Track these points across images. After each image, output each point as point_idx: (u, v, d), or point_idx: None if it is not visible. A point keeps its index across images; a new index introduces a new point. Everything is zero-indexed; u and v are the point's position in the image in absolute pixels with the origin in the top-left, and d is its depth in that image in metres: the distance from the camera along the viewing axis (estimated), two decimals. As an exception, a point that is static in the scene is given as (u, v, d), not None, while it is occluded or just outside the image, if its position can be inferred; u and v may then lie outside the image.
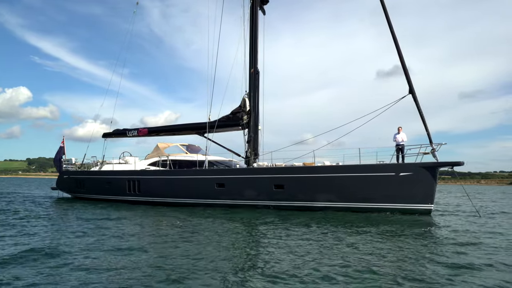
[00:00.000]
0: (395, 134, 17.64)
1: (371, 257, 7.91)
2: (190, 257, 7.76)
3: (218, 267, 7.01)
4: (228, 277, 6.34)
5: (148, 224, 13.27)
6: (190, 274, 6.50)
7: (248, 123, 22.05)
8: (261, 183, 18.87)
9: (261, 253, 8.36)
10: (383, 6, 18.00)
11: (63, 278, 6.30)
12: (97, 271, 6.70)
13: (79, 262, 7.29)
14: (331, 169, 17.85)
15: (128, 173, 22.91)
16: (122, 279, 6.30)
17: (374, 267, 7.05)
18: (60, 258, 7.60)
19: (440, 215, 17.00)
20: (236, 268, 6.94)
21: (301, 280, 6.25)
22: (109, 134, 27.81)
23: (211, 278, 6.28)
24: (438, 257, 7.94)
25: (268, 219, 14.73)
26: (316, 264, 7.31)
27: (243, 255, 8.09)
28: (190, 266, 7.03)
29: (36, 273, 6.56)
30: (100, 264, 7.16)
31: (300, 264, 7.31)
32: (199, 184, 20.24)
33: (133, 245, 9.00)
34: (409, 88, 17.51)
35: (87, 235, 10.47)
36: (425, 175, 16.43)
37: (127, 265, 7.15)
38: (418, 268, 7.03)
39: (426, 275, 6.53)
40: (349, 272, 6.69)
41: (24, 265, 7.07)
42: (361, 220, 14.32)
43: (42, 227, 12.17)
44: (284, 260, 7.65)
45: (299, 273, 6.64)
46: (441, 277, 6.40)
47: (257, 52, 22.32)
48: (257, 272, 6.72)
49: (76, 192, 26.16)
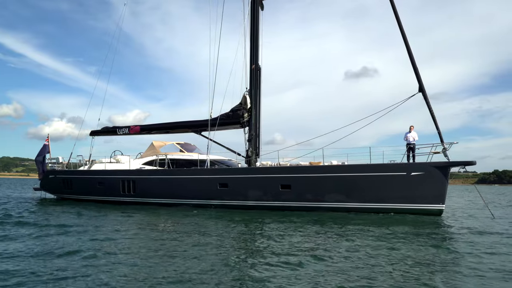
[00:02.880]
0: (406, 133, 17.35)
1: (393, 267, 7.03)
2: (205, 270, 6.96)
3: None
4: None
5: (159, 226, 12.38)
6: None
7: (249, 121, 21.34)
8: (267, 183, 18.21)
9: (278, 261, 7.47)
10: (392, 5, 17.63)
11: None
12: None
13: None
14: (341, 169, 17.40)
15: (122, 172, 21.75)
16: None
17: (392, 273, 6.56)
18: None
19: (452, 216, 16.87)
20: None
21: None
22: (97, 132, 26.43)
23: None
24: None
25: (276, 220, 14.16)
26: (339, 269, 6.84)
27: (259, 264, 7.30)
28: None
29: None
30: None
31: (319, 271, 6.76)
32: (200, 184, 19.38)
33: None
34: (419, 86, 17.26)
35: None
36: (437, 174, 16.20)
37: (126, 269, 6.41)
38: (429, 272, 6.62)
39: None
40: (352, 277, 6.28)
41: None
42: (374, 221, 13.94)
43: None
44: (310, 263, 7.18)
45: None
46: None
47: (258, 48, 21.64)
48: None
49: (63, 192, 24.66)
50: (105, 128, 26.38)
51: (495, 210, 20.16)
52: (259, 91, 21.54)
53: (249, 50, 21.53)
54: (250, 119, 21.24)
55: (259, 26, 21.79)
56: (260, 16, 21.90)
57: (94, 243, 9.20)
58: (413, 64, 17.35)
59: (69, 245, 8.79)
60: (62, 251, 8.12)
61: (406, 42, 17.39)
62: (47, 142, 26.25)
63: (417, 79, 17.24)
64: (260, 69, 21.63)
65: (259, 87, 21.58)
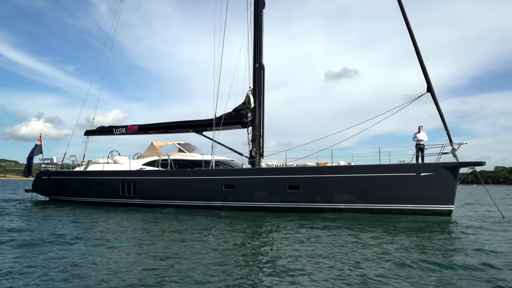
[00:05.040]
0: (416, 133, 17.26)
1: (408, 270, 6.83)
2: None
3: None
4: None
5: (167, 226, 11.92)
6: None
7: (252, 121, 20.98)
8: (274, 184, 17.89)
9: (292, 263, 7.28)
10: (400, 5, 17.52)
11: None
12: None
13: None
14: (350, 169, 17.21)
15: (122, 173, 21.09)
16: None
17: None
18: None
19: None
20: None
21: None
22: (92, 131, 25.67)
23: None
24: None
25: (285, 221, 13.87)
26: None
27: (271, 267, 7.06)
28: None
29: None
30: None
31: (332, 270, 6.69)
32: (205, 185, 18.91)
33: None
34: (427, 86, 17.21)
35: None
36: (446, 175, 16.16)
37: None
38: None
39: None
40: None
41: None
42: (384, 222, 13.79)
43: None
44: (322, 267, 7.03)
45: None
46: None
47: (261, 46, 21.31)
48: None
49: (57, 194, 23.80)
50: (100, 128, 25.64)
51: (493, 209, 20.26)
52: (263, 91, 21.21)
53: (253, 48, 21.22)
54: (254, 119, 20.89)
55: (262, 24, 21.49)
56: (263, 15, 21.60)
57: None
58: (421, 64, 17.27)
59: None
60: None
61: (414, 42, 17.31)
62: (39, 142, 25.33)
63: (426, 79, 17.17)
64: (264, 68, 21.31)
65: (263, 86, 21.25)
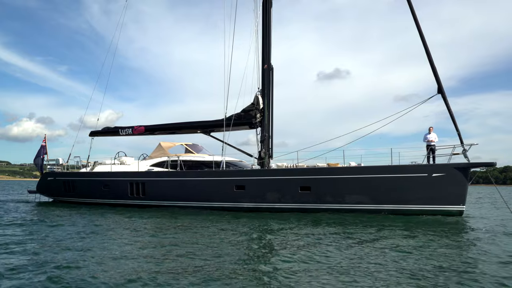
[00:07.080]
0: (426, 134, 17.40)
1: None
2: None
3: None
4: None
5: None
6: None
7: (261, 122, 20.98)
8: (286, 185, 17.91)
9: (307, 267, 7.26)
10: (409, 5, 17.61)
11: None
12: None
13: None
14: (363, 170, 17.27)
15: (130, 174, 20.99)
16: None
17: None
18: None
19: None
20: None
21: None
22: (97, 132, 25.52)
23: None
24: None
25: (297, 223, 13.87)
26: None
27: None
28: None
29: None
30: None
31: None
32: (216, 186, 18.88)
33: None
34: (438, 87, 17.33)
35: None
36: (458, 176, 16.30)
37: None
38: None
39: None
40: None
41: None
42: (398, 223, 13.87)
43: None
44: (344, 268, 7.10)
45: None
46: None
47: (270, 46, 21.29)
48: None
49: (63, 195, 23.62)
50: (106, 129, 25.49)
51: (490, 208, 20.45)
52: (272, 91, 21.22)
53: (261, 49, 21.19)
54: (263, 120, 20.89)
55: (271, 25, 21.46)
56: (271, 15, 21.58)
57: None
58: (432, 66, 17.37)
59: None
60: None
61: (425, 43, 17.40)
62: (44, 143, 25.13)
63: (436, 81, 17.28)
64: (272, 69, 21.31)
65: (272, 87, 21.26)
